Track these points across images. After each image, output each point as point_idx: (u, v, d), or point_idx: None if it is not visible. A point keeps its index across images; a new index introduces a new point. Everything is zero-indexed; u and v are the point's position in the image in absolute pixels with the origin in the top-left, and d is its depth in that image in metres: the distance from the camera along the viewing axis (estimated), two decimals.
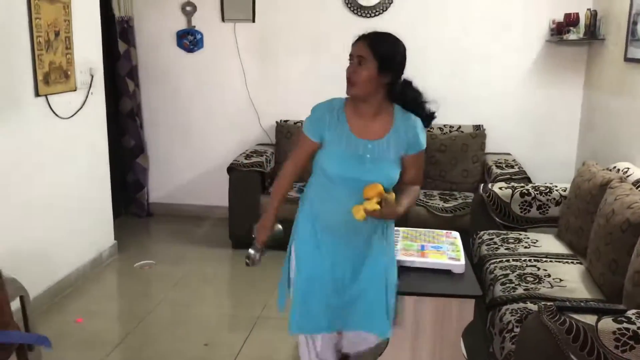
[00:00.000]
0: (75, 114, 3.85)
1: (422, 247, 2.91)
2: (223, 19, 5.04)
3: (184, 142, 5.34)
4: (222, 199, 4.65)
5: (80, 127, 3.92)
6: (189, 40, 5.11)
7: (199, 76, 5.18)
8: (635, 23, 3.70)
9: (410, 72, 5.13)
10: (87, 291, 3.85)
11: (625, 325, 1.84)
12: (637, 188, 3.03)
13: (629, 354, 1.80)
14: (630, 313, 1.91)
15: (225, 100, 5.20)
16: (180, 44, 5.14)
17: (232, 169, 4.47)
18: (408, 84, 2.35)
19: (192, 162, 5.36)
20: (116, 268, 4.29)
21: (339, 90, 5.27)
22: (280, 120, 5.01)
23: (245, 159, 4.56)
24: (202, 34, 5.10)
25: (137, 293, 3.91)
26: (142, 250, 4.58)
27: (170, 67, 5.20)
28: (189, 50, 5.14)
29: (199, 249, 4.62)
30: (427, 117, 2.35)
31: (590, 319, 1.88)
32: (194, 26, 5.09)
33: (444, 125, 4.82)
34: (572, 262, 3.03)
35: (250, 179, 4.45)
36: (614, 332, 1.82)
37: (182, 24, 5.11)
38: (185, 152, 5.35)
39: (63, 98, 3.71)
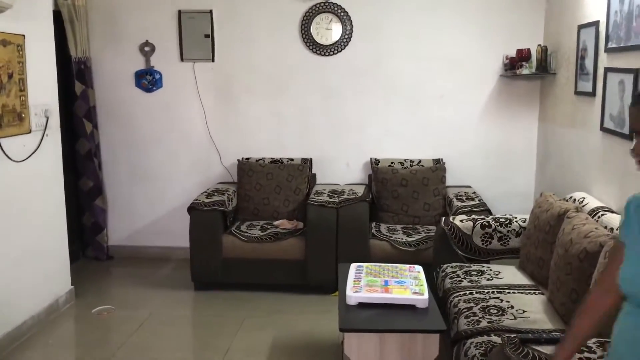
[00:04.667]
0: (29, 156, 3.75)
1: (386, 282, 2.90)
2: (182, 59, 5.04)
3: (144, 182, 5.25)
4: (184, 239, 4.56)
5: (34, 170, 3.82)
6: (148, 80, 5.09)
7: (158, 116, 5.14)
8: (583, 58, 3.84)
9: (370, 108, 5.25)
10: (42, 340, 3.69)
11: (586, 355, 1.84)
12: (593, 217, 3.10)
13: None
14: (591, 343, 1.92)
15: (186, 139, 5.16)
16: (138, 84, 5.11)
17: (192, 209, 4.40)
18: None
19: (152, 202, 5.27)
20: (73, 314, 4.14)
21: (299, 126, 5.36)
22: (242, 158, 4.98)
23: (206, 198, 4.51)
24: (161, 74, 5.08)
25: (95, 340, 3.76)
26: (101, 295, 4.43)
27: (129, 107, 5.15)
28: (148, 90, 5.11)
29: (161, 291, 4.50)
30: None
31: (552, 350, 1.88)
32: (153, 66, 5.07)
33: (405, 160, 4.87)
34: (534, 293, 3.05)
35: (211, 218, 4.39)
36: None
37: (140, 64, 5.09)
38: (146, 192, 5.26)
39: (17, 141, 3.62)
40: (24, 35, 3.64)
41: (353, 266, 3.15)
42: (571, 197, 3.58)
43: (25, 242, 3.75)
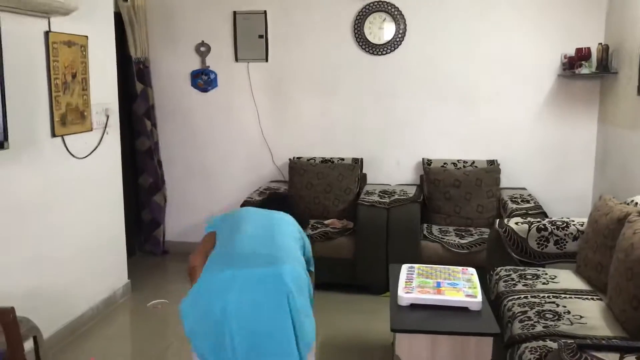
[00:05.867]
0: (90, 153, 3.90)
1: (438, 284, 2.88)
2: (236, 59, 5.13)
3: (199, 179, 5.37)
4: None
5: (95, 167, 3.96)
6: (203, 80, 5.20)
7: (213, 115, 5.25)
8: None
9: (423, 108, 5.19)
10: (100, 331, 3.83)
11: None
12: None
13: None
14: None
15: (240, 138, 5.24)
16: (194, 84, 5.22)
17: (245, 206, 4.46)
18: None
19: (207, 199, 5.37)
20: (129, 307, 4.27)
21: (350, 126, 5.33)
22: (293, 157, 5.03)
23: (259, 195, 4.57)
24: (216, 74, 5.19)
25: (149, 333, 3.87)
26: (156, 289, 4.55)
27: (186, 107, 5.28)
28: (203, 90, 5.22)
29: None
30: None
31: (612, 358, 1.83)
32: (208, 66, 5.18)
33: (458, 161, 4.81)
34: (592, 299, 2.96)
35: None
36: None
37: (196, 64, 5.20)
38: (201, 189, 5.37)
39: (79, 138, 3.77)
40: (87, 37, 3.78)
41: (404, 267, 3.13)
42: (632, 201, 3.45)
43: (86, 236, 3.89)
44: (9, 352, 2.37)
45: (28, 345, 2.65)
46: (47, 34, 3.40)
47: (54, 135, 3.51)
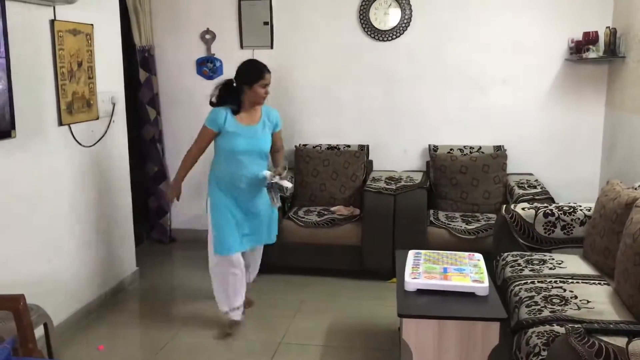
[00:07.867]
0: (97, 142, 3.90)
1: (445, 269, 2.88)
2: (242, 46, 5.11)
3: (205, 168, 5.34)
4: None
5: (102, 155, 3.98)
6: (209, 67, 5.19)
7: None
8: None
9: (429, 94, 5.16)
10: (109, 318, 3.86)
11: None
12: None
13: None
14: None
15: None
16: (199, 72, 5.22)
17: None
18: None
19: None
20: (138, 295, 4.30)
21: (356, 112, 5.30)
22: (299, 144, 5.03)
23: None
24: (221, 61, 5.17)
25: (158, 320, 3.90)
26: (164, 277, 4.58)
27: (191, 95, 5.27)
28: (209, 77, 5.21)
29: None
30: None
31: (620, 341, 1.83)
32: (214, 54, 5.17)
33: (464, 147, 4.80)
34: (599, 283, 2.96)
35: None
36: None
37: (201, 52, 5.19)
38: (206, 177, 5.35)
39: (85, 127, 3.77)
40: (92, 25, 3.77)
41: (411, 253, 3.13)
42: None
43: (94, 225, 3.91)
44: (20, 339, 2.40)
45: (38, 332, 2.68)
46: (52, 22, 3.39)
47: (60, 123, 3.51)
